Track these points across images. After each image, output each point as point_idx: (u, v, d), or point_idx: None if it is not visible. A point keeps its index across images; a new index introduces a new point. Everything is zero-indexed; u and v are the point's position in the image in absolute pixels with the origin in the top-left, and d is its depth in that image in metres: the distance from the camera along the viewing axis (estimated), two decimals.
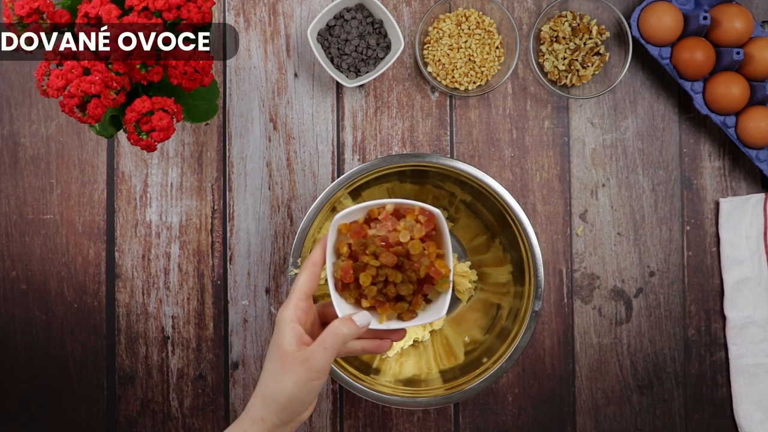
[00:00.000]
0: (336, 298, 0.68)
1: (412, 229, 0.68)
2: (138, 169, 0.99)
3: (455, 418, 0.99)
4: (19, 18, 0.71)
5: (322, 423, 0.98)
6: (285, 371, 0.64)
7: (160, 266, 0.99)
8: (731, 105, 0.96)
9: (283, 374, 0.64)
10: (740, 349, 0.99)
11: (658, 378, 1.00)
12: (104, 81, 0.70)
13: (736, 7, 0.97)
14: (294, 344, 0.65)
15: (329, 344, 0.64)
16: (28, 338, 0.99)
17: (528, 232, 0.86)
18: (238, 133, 0.99)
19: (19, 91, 1.00)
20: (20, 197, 0.99)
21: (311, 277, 0.67)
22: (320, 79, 1.00)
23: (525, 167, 1.00)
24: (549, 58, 0.99)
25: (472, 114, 1.00)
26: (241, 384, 0.98)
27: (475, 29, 0.98)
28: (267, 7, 1.00)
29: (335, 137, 1.00)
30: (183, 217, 0.99)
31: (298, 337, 0.65)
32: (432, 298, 0.70)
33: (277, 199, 0.99)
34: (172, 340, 0.99)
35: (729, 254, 0.99)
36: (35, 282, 0.99)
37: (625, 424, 0.99)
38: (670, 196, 1.01)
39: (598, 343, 0.99)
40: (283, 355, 0.64)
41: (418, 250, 0.67)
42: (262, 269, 0.99)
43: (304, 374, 0.64)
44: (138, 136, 0.74)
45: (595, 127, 1.01)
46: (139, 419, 0.98)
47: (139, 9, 0.70)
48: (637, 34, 0.97)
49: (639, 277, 1.00)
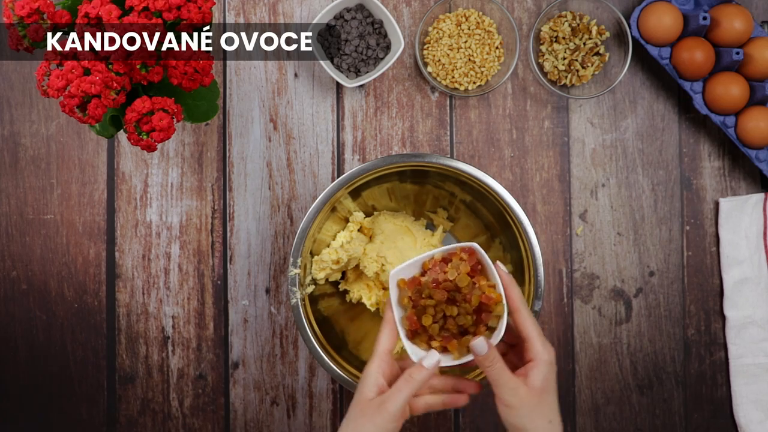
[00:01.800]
0: (409, 347, 0.74)
1: (458, 267, 0.73)
2: (138, 169, 0.99)
3: (455, 418, 0.99)
4: (19, 18, 0.71)
5: (322, 423, 0.99)
6: (363, 416, 0.70)
7: (160, 266, 0.99)
8: (731, 105, 0.96)
9: (362, 419, 0.70)
10: (740, 348, 0.99)
11: (658, 378, 1.00)
12: (104, 81, 0.70)
13: (736, 7, 0.97)
14: (374, 392, 0.71)
15: (402, 387, 0.70)
16: (28, 338, 0.99)
17: (528, 232, 0.86)
18: (238, 133, 0.99)
19: (19, 91, 1.00)
20: (20, 197, 0.99)
21: (391, 334, 0.73)
22: (320, 79, 1.00)
23: (525, 167, 1.00)
24: (549, 58, 0.99)
25: (472, 114, 1.00)
26: (241, 384, 0.99)
27: (475, 29, 0.98)
28: (267, 7, 1.00)
29: (335, 137, 1.00)
30: (183, 217, 0.99)
31: (379, 386, 0.71)
32: (493, 325, 0.74)
33: (277, 199, 0.99)
34: (173, 340, 0.99)
35: (729, 254, 0.99)
36: (35, 282, 0.99)
37: (625, 423, 0.99)
38: (669, 196, 1.01)
39: (597, 343, 1.00)
40: (363, 402, 0.71)
41: (465, 282, 0.72)
42: (262, 269, 0.99)
43: (380, 418, 0.69)
44: (138, 136, 0.74)
45: (595, 127, 1.01)
46: (140, 419, 0.98)
47: (139, 9, 0.71)
48: (636, 34, 0.97)
49: (639, 277, 1.00)
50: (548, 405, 0.70)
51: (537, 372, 0.70)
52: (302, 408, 0.99)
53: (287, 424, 0.99)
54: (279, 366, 0.99)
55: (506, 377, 0.70)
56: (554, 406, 0.71)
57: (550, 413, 0.70)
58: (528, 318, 0.71)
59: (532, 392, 0.70)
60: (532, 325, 0.71)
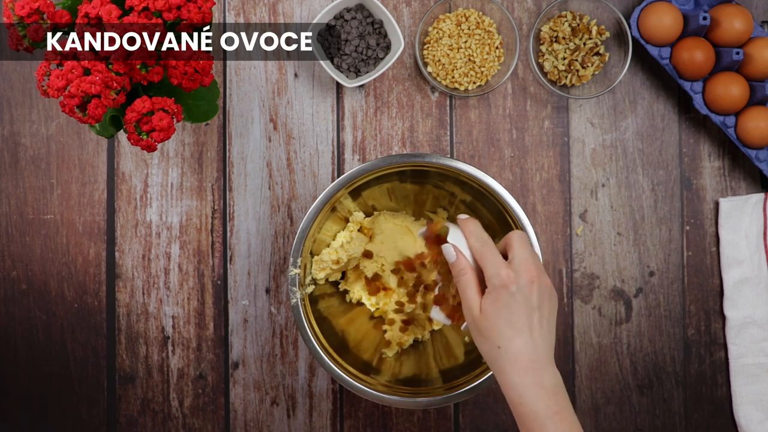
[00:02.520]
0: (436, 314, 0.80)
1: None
2: (138, 169, 0.99)
3: (455, 418, 0.99)
4: (19, 18, 0.71)
5: (322, 423, 0.99)
6: None
7: (160, 266, 0.99)
8: (731, 105, 0.96)
9: None
10: (740, 348, 0.99)
11: (658, 378, 1.00)
12: (104, 81, 0.70)
13: (736, 7, 0.97)
14: None
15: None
16: (28, 338, 0.99)
17: (528, 232, 0.86)
18: (238, 133, 0.99)
19: (19, 91, 1.00)
20: (20, 197, 0.99)
21: None
22: (320, 79, 1.00)
23: (525, 167, 1.00)
24: (549, 58, 0.99)
25: (472, 114, 1.00)
26: (241, 384, 0.99)
27: (475, 29, 0.98)
28: (267, 7, 1.00)
29: (335, 137, 1.00)
30: (183, 217, 0.99)
31: None
32: None
33: (277, 199, 0.99)
34: (173, 340, 0.99)
35: (729, 254, 0.99)
36: (35, 282, 0.99)
37: (625, 423, 0.99)
38: (669, 196, 1.01)
39: (597, 343, 1.00)
40: None
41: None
42: (262, 269, 0.99)
43: None
44: (138, 136, 0.74)
45: (595, 127, 1.01)
46: (140, 419, 0.98)
47: (139, 9, 0.71)
48: (636, 34, 0.97)
49: (639, 277, 1.00)
50: (496, 330, 0.69)
51: (486, 295, 0.70)
52: (302, 408, 0.99)
53: (287, 424, 0.99)
54: (279, 366, 0.99)
55: (469, 293, 0.71)
56: (505, 332, 0.69)
57: (499, 339, 0.69)
58: (480, 248, 0.72)
59: (482, 315, 0.69)
60: (483, 253, 0.71)
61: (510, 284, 0.69)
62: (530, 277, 0.70)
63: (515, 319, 0.69)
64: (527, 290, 0.69)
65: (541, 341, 0.69)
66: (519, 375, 0.68)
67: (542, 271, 0.71)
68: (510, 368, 0.68)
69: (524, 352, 0.69)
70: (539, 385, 0.68)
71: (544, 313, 0.70)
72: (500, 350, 0.69)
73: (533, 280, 0.70)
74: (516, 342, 0.69)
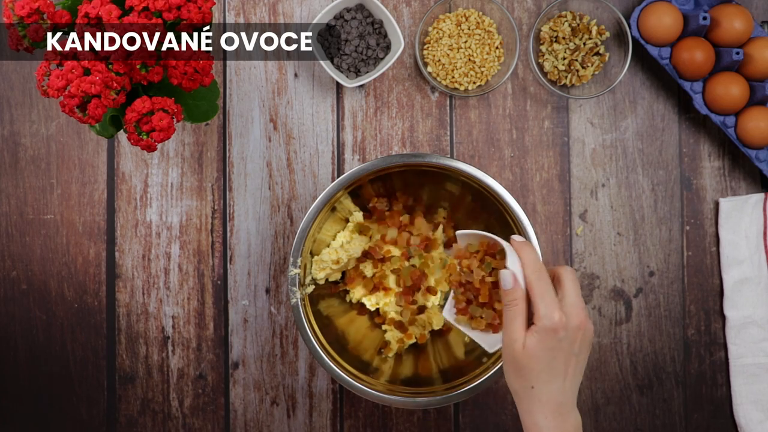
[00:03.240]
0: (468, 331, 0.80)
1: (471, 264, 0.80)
2: (138, 169, 0.99)
3: (455, 418, 0.99)
4: (19, 18, 0.71)
5: (322, 423, 0.99)
6: None
7: (160, 266, 0.99)
8: (731, 105, 0.96)
9: None
10: (740, 348, 0.99)
11: (658, 378, 1.00)
12: (104, 81, 0.71)
13: (736, 7, 0.97)
14: None
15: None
16: (28, 338, 0.99)
17: (528, 232, 0.86)
18: (238, 133, 0.99)
19: (19, 91, 1.00)
20: (20, 197, 0.99)
21: None
22: (320, 79, 1.00)
23: (525, 167, 1.00)
24: (549, 58, 0.99)
25: (472, 114, 1.00)
26: (241, 384, 0.99)
27: (475, 29, 0.98)
28: (267, 7, 1.00)
29: (335, 137, 1.00)
30: (183, 217, 0.99)
31: None
32: None
33: (277, 199, 0.99)
34: (173, 340, 0.99)
35: (729, 254, 0.99)
36: (35, 282, 0.99)
37: (625, 423, 0.99)
38: (669, 196, 1.01)
39: (597, 343, 1.00)
40: None
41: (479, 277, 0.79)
42: (262, 269, 0.99)
43: None
44: (138, 136, 0.74)
45: (595, 127, 1.01)
46: (140, 419, 0.98)
47: (139, 9, 0.71)
48: (636, 34, 0.97)
49: (639, 276, 1.00)
50: (535, 371, 0.69)
51: (531, 335, 0.69)
52: (302, 408, 0.99)
53: (287, 424, 0.99)
54: (279, 366, 0.99)
55: (516, 326, 0.70)
56: (542, 376, 0.69)
57: (535, 380, 0.69)
58: (536, 282, 0.70)
59: (524, 351, 0.69)
60: (539, 288, 0.70)
61: (560, 329, 0.69)
62: (579, 324, 0.70)
63: (555, 364, 0.69)
64: (573, 336, 0.69)
65: (570, 385, 0.70)
66: (545, 417, 0.69)
67: (588, 315, 0.71)
68: (538, 409, 0.69)
69: (555, 396, 0.70)
70: (562, 429, 0.69)
71: (580, 358, 0.71)
72: (533, 390, 0.69)
73: (581, 327, 0.70)
74: (551, 386, 0.69)
